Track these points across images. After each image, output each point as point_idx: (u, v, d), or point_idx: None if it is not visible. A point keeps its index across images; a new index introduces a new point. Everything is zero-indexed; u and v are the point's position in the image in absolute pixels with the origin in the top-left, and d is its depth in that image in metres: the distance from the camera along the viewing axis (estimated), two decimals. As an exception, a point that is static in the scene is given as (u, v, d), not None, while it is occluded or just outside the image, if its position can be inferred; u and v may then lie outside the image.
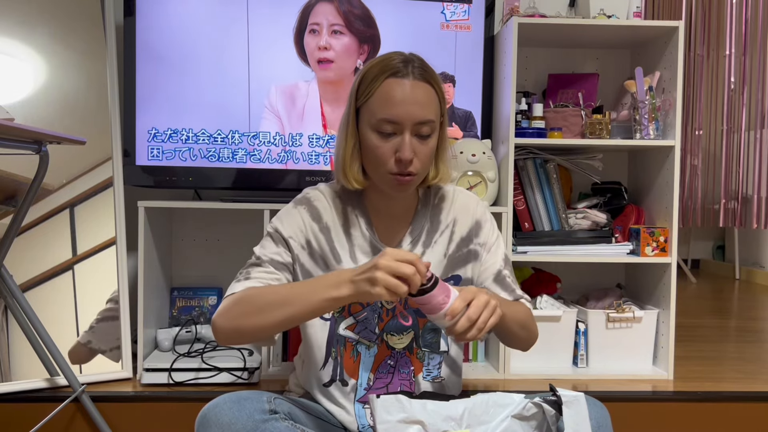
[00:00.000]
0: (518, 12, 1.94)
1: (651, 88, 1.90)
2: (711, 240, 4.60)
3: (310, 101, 1.95)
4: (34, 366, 1.66)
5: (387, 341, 1.29)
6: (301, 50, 1.94)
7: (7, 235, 1.59)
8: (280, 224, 1.27)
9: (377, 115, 1.16)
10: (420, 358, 1.31)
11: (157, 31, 1.88)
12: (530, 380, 1.85)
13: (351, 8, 1.94)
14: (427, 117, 1.17)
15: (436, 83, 1.20)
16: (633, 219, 2.00)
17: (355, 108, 1.21)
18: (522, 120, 1.94)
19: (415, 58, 1.21)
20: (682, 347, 2.18)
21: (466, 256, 1.32)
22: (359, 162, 1.23)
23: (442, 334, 1.32)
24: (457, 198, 1.34)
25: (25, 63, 1.77)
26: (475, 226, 1.33)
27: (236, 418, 1.08)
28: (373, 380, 1.29)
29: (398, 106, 1.15)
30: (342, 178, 1.24)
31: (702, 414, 1.74)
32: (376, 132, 1.17)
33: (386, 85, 1.16)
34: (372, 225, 1.29)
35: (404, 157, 1.15)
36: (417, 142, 1.17)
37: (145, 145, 1.89)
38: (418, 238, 1.30)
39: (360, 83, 1.20)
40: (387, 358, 1.29)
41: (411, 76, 1.16)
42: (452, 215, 1.32)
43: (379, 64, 1.19)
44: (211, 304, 2.07)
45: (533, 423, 1.14)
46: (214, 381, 1.74)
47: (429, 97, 1.18)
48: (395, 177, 1.18)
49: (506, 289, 1.33)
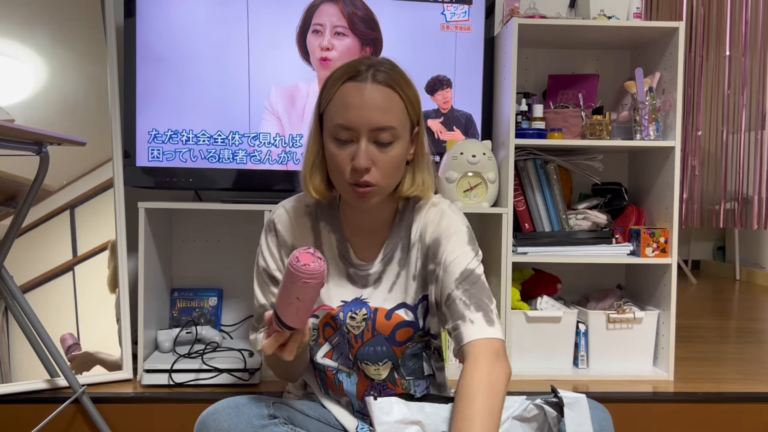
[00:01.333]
0: (518, 13, 1.94)
1: (651, 89, 1.90)
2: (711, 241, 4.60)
3: (310, 102, 1.95)
4: (34, 367, 1.66)
5: (364, 371, 1.23)
6: (303, 50, 1.95)
7: (8, 236, 1.59)
8: (263, 261, 1.24)
9: (334, 121, 1.10)
10: (405, 388, 1.25)
11: (157, 32, 1.88)
12: (531, 381, 1.85)
13: (355, 10, 1.95)
14: (386, 123, 1.08)
15: (401, 88, 1.11)
16: (633, 220, 2.00)
17: (318, 114, 1.16)
18: (522, 121, 1.94)
19: (384, 62, 1.13)
20: (683, 348, 2.18)
21: (429, 275, 1.21)
22: (322, 171, 1.16)
23: (424, 357, 1.25)
24: (428, 212, 1.22)
25: (25, 64, 1.77)
26: (433, 243, 1.19)
27: (235, 424, 1.08)
28: (362, 405, 1.25)
29: (352, 111, 1.07)
30: (303, 188, 1.18)
31: (702, 415, 1.74)
32: (334, 139, 1.10)
33: (343, 90, 1.09)
34: (346, 240, 1.22)
35: (357, 165, 1.07)
36: (376, 149, 1.09)
37: (146, 146, 1.89)
38: (391, 255, 1.22)
39: (323, 88, 1.14)
40: (369, 389, 1.24)
41: (370, 79, 1.08)
42: (419, 231, 1.21)
43: (341, 68, 1.12)
44: (211, 305, 2.07)
45: (534, 424, 1.14)
46: (215, 382, 1.74)
47: (389, 102, 1.09)
48: (352, 187, 1.10)
49: (453, 315, 1.12)
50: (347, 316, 1.21)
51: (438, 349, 1.29)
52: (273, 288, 1.23)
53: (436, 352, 1.29)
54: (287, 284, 0.98)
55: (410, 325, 1.21)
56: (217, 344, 1.92)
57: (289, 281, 0.97)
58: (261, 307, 1.24)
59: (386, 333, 1.21)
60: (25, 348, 1.66)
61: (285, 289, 0.99)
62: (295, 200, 1.25)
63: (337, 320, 1.21)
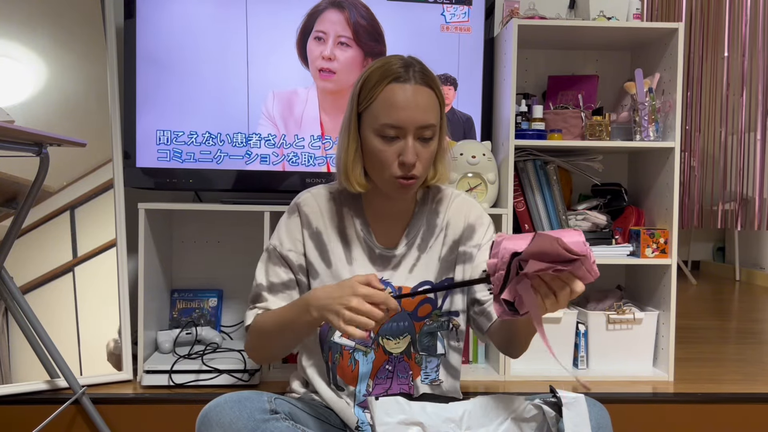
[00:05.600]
0: (518, 14, 1.94)
1: (651, 90, 1.90)
2: (711, 241, 4.60)
3: (308, 109, 1.93)
4: (34, 368, 1.66)
5: (384, 346, 1.29)
6: (303, 55, 1.93)
7: (8, 237, 1.59)
8: (278, 241, 1.30)
9: (380, 120, 1.18)
10: (418, 363, 1.31)
11: (157, 34, 1.88)
12: (530, 382, 1.85)
13: (360, 20, 1.92)
14: (429, 121, 1.18)
15: (437, 87, 1.22)
16: (633, 220, 2.00)
17: (357, 112, 1.23)
18: (522, 122, 1.95)
19: (414, 61, 1.22)
20: (683, 349, 2.18)
21: (456, 258, 1.33)
22: (361, 165, 1.24)
23: (438, 337, 1.32)
24: (454, 201, 1.35)
25: (25, 65, 1.78)
26: (467, 229, 1.33)
27: (237, 417, 1.09)
28: (372, 386, 1.29)
29: (401, 111, 1.16)
30: (345, 182, 1.25)
31: (702, 415, 1.74)
32: (379, 136, 1.19)
33: (388, 90, 1.18)
34: (368, 226, 1.30)
35: (408, 161, 1.17)
36: (419, 145, 1.19)
37: (146, 147, 1.89)
38: (414, 240, 1.31)
39: (361, 88, 1.21)
40: (385, 363, 1.29)
41: (413, 80, 1.18)
42: (446, 219, 1.33)
43: (379, 69, 1.20)
44: (211, 306, 2.07)
45: (533, 425, 1.14)
46: (215, 383, 1.74)
47: (430, 101, 1.19)
48: (398, 180, 1.20)
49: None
50: None
51: (457, 327, 1.34)
52: (277, 268, 1.29)
53: (455, 330, 1.34)
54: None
55: (430, 302, 1.30)
56: (217, 345, 1.92)
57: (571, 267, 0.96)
58: (257, 287, 1.29)
59: (410, 309, 1.29)
60: (25, 349, 1.66)
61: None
62: (320, 187, 1.34)
63: None
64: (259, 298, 1.29)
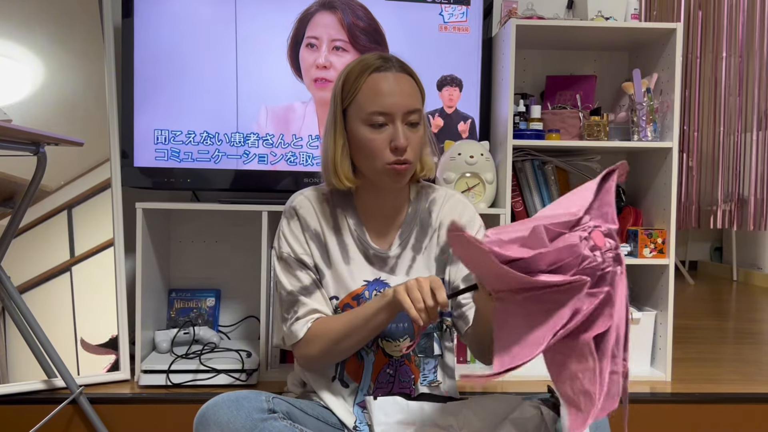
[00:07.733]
0: (516, 14, 1.94)
1: (649, 90, 1.91)
2: (709, 242, 4.60)
3: (307, 123, 1.89)
4: (31, 367, 1.66)
5: (383, 348, 1.29)
6: (295, 65, 1.86)
7: (5, 236, 1.59)
8: (287, 247, 1.29)
9: (367, 109, 1.19)
10: (417, 365, 1.31)
11: (155, 33, 1.87)
12: (528, 382, 1.85)
13: (356, 20, 1.84)
14: (415, 106, 1.21)
15: (416, 76, 1.25)
16: (631, 221, 2.00)
17: (341, 109, 1.23)
18: (520, 122, 1.95)
19: (391, 55, 1.25)
20: (680, 349, 2.18)
21: (449, 258, 1.33)
22: (349, 161, 1.25)
23: (434, 338, 1.32)
24: (448, 202, 1.35)
25: (23, 64, 1.77)
26: None
27: (235, 417, 1.09)
28: (373, 389, 1.29)
29: (387, 97, 1.18)
30: (333, 179, 1.25)
31: (700, 415, 1.75)
32: (368, 126, 1.20)
33: (371, 80, 1.20)
34: (362, 225, 1.30)
35: (399, 144, 1.18)
36: (408, 130, 1.21)
37: (143, 147, 1.89)
38: (407, 241, 1.31)
39: (344, 85, 1.23)
40: (385, 366, 1.29)
41: (393, 69, 1.21)
42: (440, 219, 1.33)
43: (359, 64, 1.23)
44: (209, 306, 2.07)
45: (531, 425, 1.14)
46: (212, 383, 1.74)
47: (412, 87, 1.22)
48: (392, 167, 1.20)
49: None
50: (373, 295, 1.27)
51: (450, 327, 1.35)
52: (300, 272, 1.27)
53: (448, 330, 1.35)
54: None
55: None
56: (215, 345, 1.92)
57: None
58: (290, 295, 1.27)
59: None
60: (23, 348, 1.65)
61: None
62: (311, 189, 1.33)
63: (362, 299, 1.27)
64: (296, 305, 1.26)
